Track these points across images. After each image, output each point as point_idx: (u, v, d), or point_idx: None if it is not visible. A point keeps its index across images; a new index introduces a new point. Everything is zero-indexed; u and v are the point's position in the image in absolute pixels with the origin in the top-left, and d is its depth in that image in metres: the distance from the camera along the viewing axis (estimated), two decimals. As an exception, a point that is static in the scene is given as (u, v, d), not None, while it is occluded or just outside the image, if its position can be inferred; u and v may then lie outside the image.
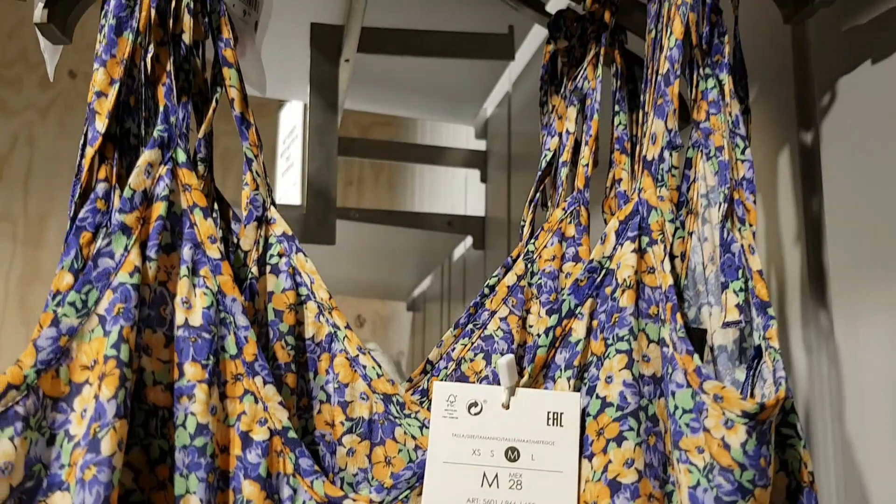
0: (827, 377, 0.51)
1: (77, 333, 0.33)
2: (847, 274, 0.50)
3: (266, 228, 0.42)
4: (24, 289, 2.26)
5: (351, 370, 0.41)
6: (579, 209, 0.51)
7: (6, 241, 2.26)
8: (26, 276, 2.26)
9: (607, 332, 0.38)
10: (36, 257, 2.27)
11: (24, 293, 2.26)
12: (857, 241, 0.49)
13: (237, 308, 0.37)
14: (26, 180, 2.29)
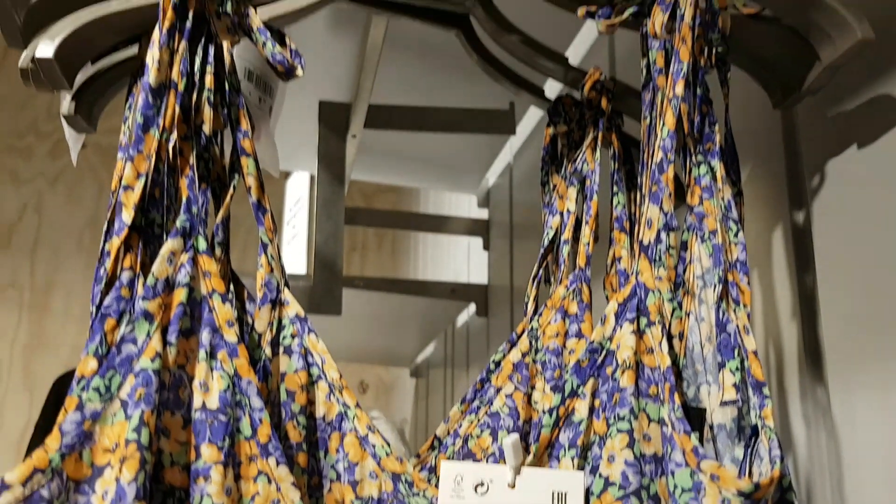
0: (826, 450, 0.52)
1: (100, 417, 0.34)
2: (841, 349, 0.51)
3: (280, 310, 0.44)
4: (29, 355, 2.27)
5: (361, 449, 0.42)
6: (581, 287, 0.52)
7: (12, 308, 2.28)
8: (31, 343, 2.27)
9: (609, 411, 0.39)
10: (41, 324, 2.29)
11: (29, 360, 2.26)
12: (849, 317, 0.51)
13: (252, 390, 0.39)
14: (34, 248, 2.32)
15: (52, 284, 2.30)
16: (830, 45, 0.47)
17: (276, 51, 0.46)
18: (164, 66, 0.41)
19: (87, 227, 2.37)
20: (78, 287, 2.31)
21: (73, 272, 2.32)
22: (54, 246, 2.32)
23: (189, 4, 0.43)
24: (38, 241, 2.32)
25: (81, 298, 2.31)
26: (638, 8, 0.49)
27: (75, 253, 2.33)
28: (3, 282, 2.29)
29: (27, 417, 2.23)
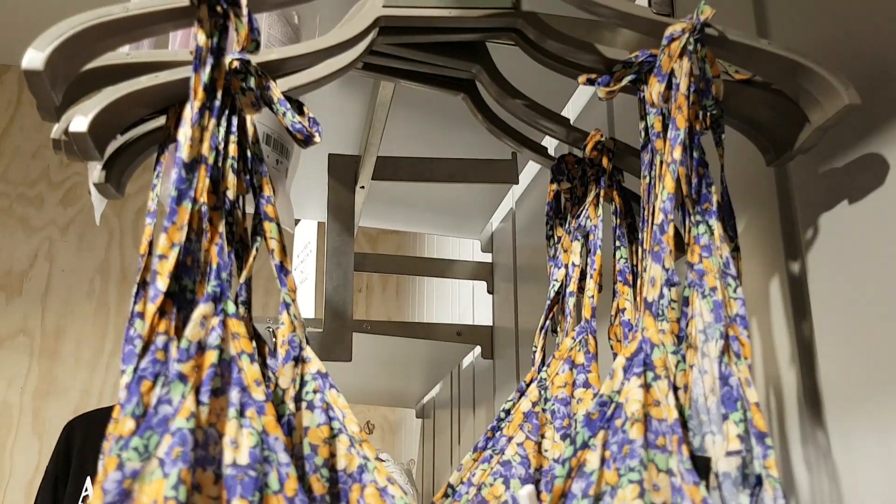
0: (828, 493, 0.54)
1: (139, 476, 0.37)
2: (840, 394, 0.53)
3: (302, 367, 0.46)
4: (39, 402, 2.28)
5: (381, 500, 0.44)
6: (587, 338, 0.55)
7: (23, 354, 2.30)
8: (41, 390, 2.28)
9: (619, 462, 0.41)
10: (51, 371, 2.30)
11: (38, 406, 2.27)
12: (846, 363, 0.53)
13: (279, 446, 0.41)
14: (45, 295, 2.34)
15: (63, 331, 2.32)
16: (819, 109, 0.50)
17: (295, 120, 0.49)
18: (195, 142, 0.44)
19: (97, 273, 2.40)
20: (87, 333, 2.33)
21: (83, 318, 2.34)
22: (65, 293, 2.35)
23: (217, 84, 0.46)
24: (49, 288, 2.35)
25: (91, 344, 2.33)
26: (636, 75, 0.52)
27: (85, 299, 2.36)
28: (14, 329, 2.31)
29: (37, 462, 2.24)
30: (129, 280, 2.41)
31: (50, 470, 1.84)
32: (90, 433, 1.82)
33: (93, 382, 2.29)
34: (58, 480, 1.85)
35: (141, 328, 0.43)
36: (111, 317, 2.35)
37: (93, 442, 1.81)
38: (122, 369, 0.42)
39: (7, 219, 2.38)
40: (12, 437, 2.27)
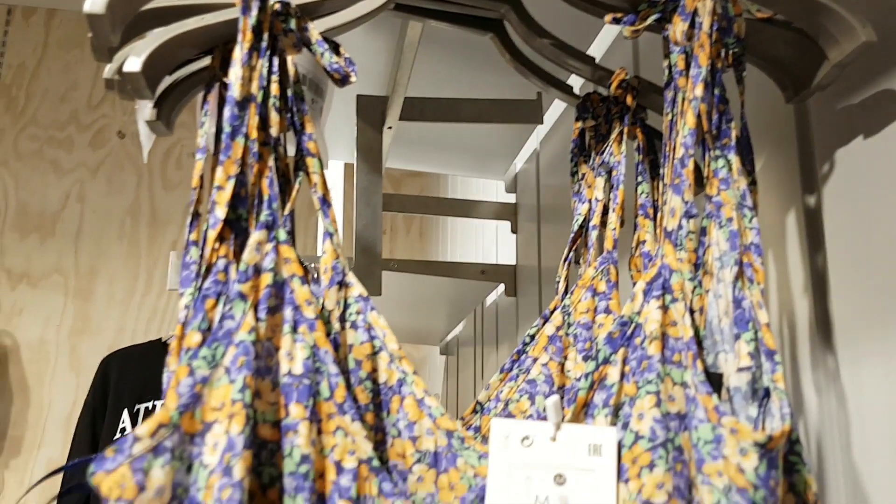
0: (836, 415, 0.57)
1: (208, 382, 0.41)
2: (850, 322, 0.56)
3: (345, 291, 0.50)
4: (74, 339, 2.36)
5: (418, 410, 0.48)
6: (609, 268, 0.58)
7: (58, 294, 2.37)
8: (76, 328, 2.36)
9: (638, 376, 0.45)
10: (85, 310, 2.38)
11: (74, 343, 2.36)
12: (857, 293, 0.56)
13: (329, 358, 0.45)
14: (77, 236, 2.41)
15: (95, 271, 2.39)
16: (837, 46, 0.52)
17: (333, 61, 0.52)
18: (245, 81, 0.47)
19: (128, 215, 2.45)
20: (119, 273, 2.40)
21: (115, 259, 2.41)
22: (97, 234, 2.41)
23: (263, 26, 0.49)
24: (81, 229, 2.41)
25: (123, 284, 2.40)
26: (660, 14, 0.54)
27: (117, 240, 2.42)
28: (49, 269, 2.39)
29: (74, 397, 2.33)
30: (158, 222, 2.46)
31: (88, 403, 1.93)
32: (125, 368, 1.90)
33: (126, 321, 2.37)
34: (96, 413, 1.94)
35: (196, 254, 0.46)
36: (142, 258, 2.42)
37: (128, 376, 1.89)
38: (181, 292, 0.47)
39: (38, 161, 2.43)
40: (50, 373, 2.36)
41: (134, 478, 0.37)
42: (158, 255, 2.42)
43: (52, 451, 2.29)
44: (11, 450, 2.31)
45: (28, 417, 2.32)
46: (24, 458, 2.29)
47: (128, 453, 0.37)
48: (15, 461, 2.29)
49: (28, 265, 2.39)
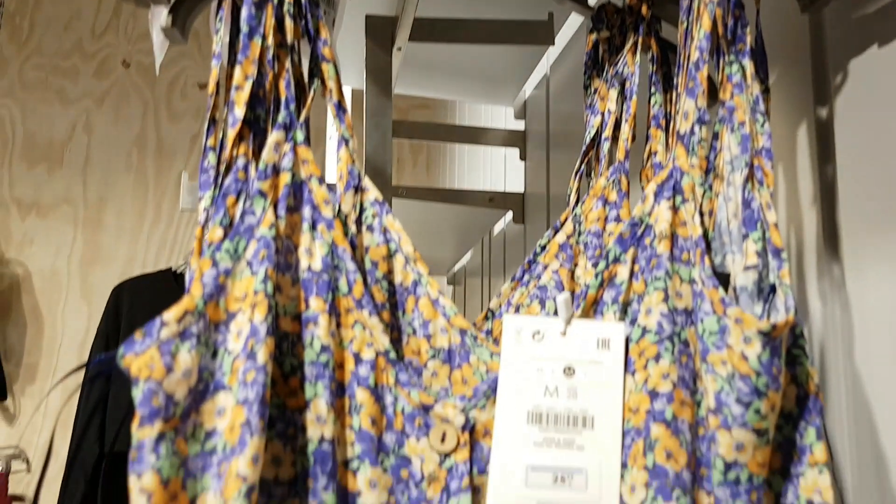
0: (840, 322, 0.59)
1: (231, 274, 0.42)
2: (857, 232, 0.57)
3: (361, 195, 0.51)
4: (86, 269, 2.39)
5: (433, 309, 0.50)
6: (620, 178, 0.59)
7: (68, 223, 2.39)
8: (87, 258, 2.39)
9: (647, 274, 0.46)
10: (95, 239, 2.40)
11: (86, 273, 2.39)
12: (865, 203, 0.56)
13: (347, 256, 0.46)
14: (85, 166, 2.41)
15: (104, 201, 2.41)
16: (855, -49, 0.51)
17: None
18: (262, -20, 0.47)
19: (134, 146, 2.45)
20: (128, 203, 2.41)
21: (122, 189, 2.42)
22: (104, 164, 2.41)
23: (279, -72, 0.49)
24: (89, 159, 2.41)
25: (132, 214, 2.41)
26: (678, -82, 0.54)
27: (124, 171, 2.42)
28: (58, 199, 2.40)
29: (86, 325, 2.37)
30: (165, 152, 2.46)
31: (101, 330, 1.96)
32: (137, 296, 1.93)
33: (136, 251, 2.39)
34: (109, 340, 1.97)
35: (213, 160, 0.47)
36: (150, 189, 2.43)
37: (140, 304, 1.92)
38: (200, 196, 0.48)
39: (44, 91, 2.42)
40: (62, 302, 2.40)
41: (162, 360, 0.38)
42: (166, 185, 2.43)
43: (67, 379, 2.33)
44: (27, 376, 2.36)
45: (42, 345, 2.36)
46: (40, 385, 2.34)
47: (156, 337, 0.39)
48: (31, 388, 2.35)
49: (37, 195, 2.40)
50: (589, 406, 0.45)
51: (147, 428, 0.38)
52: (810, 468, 0.42)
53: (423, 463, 0.44)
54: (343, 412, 0.44)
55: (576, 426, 0.45)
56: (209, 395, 0.40)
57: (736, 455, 0.41)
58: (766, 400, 0.40)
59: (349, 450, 0.44)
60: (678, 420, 0.42)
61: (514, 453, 0.44)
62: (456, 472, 0.44)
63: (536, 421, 0.45)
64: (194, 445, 0.39)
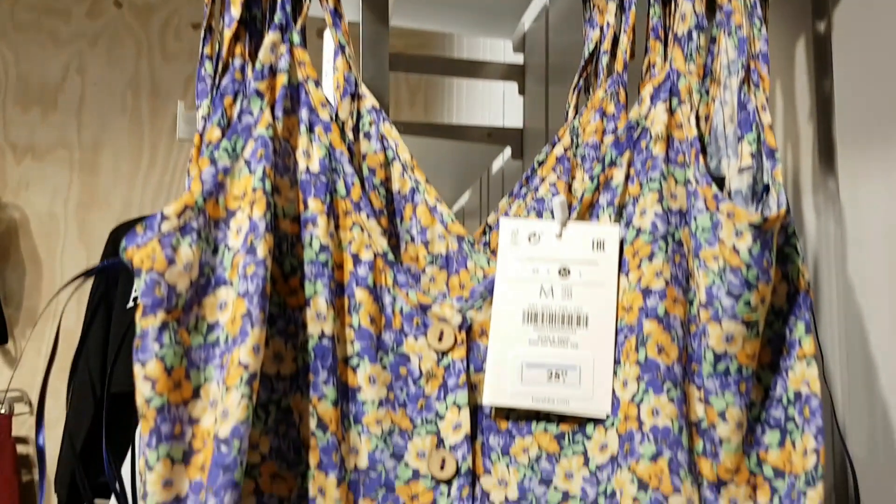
0: (833, 234, 0.59)
1: (230, 172, 0.42)
2: (852, 145, 0.57)
3: (358, 102, 0.51)
4: (83, 213, 2.39)
5: (430, 216, 0.50)
6: (619, 90, 0.59)
7: (63, 167, 2.38)
8: (84, 202, 2.39)
9: (642, 176, 0.47)
10: (92, 184, 2.39)
11: (83, 217, 2.39)
12: (861, 117, 0.57)
13: (344, 159, 0.46)
14: (79, 109, 2.39)
15: (100, 145, 2.39)
16: None
17: None
18: None
19: (128, 88, 2.43)
20: (124, 147, 2.40)
21: (118, 132, 2.40)
22: (99, 107, 2.39)
23: None
24: (83, 102, 2.39)
25: (128, 158, 2.40)
26: None
27: (119, 114, 2.41)
28: (53, 142, 2.38)
29: (85, 267, 2.38)
30: (160, 95, 2.44)
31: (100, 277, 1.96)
32: (137, 237, 1.92)
33: (132, 195, 2.39)
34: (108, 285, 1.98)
35: (210, 68, 0.47)
36: (145, 132, 2.41)
37: (140, 246, 1.92)
38: (198, 105, 0.48)
39: (36, 33, 2.39)
40: (60, 246, 2.40)
41: (163, 252, 0.39)
42: (162, 128, 2.41)
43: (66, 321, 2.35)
44: (27, 320, 2.38)
45: (41, 288, 2.37)
46: (40, 328, 2.36)
47: (157, 230, 0.39)
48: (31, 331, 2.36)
49: (32, 139, 2.39)
50: (583, 305, 0.45)
51: (150, 317, 0.38)
52: (799, 361, 0.43)
53: (422, 361, 0.45)
54: (343, 311, 0.45)
55: (570, 325, 0.45)
56: (211, 290, 0.41)
57: (725, 347, 0.42)
58: (755, 292, 0.41)
59: (349, 347, 0.45)
60: (670, 316, 0.43)
61: (509, 351, 0.45)
62: (453, 370, 0.45)
63: (532, 320, 0.46)
64: (197, 337, 0.40)
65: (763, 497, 0.42)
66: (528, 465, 0.44)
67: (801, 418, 0.42)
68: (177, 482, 0.39)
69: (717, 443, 0.42)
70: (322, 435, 0.42)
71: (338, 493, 0.41)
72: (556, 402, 0.44)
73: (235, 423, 0.37)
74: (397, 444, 0.44)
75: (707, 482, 0.42)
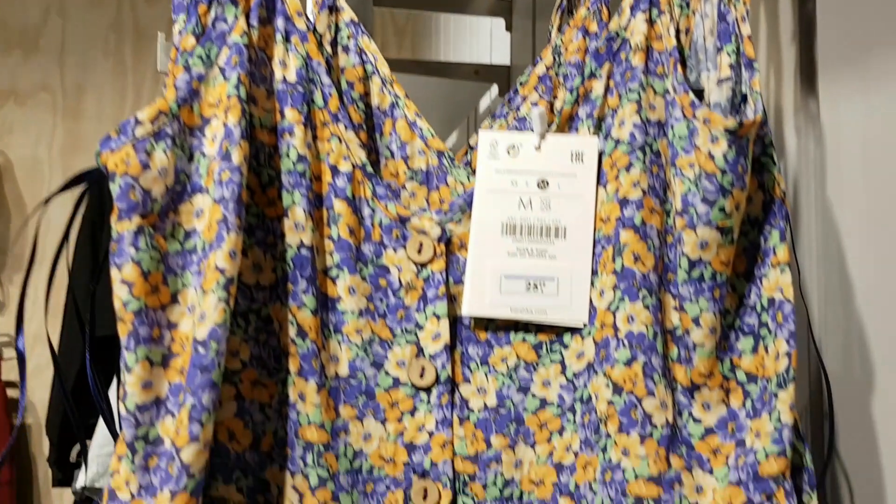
0: (813, 155, 0.60)
1: (204, 79, 0.42)
2: (833, 65, 0.57)
3: (336, 15, 0.50)
4: (67, 158, 2.36)
5: (410, 131, 0.50)
6: (601, 8, 0.58)
7: (46, 112, 2.35)
8: (68, 146, 2.36)
9: (621, 87, 0.47)
10: (76, 128, 2.36)
11: (67, 162, 2.36)
12: (843, 38, 0.56)
13: (322, 70, 0.46)
14: (61, 52, 2.35)
15: (83, 88, 2.36)
16: None
17: None
18: None
19: (111, 31, 2.38)
20: (107, 91, 2.36)
21: (101, 76, 2.36)
22: (81, 50, 2.35)
23: None
24: (65, 44, 2.35)
25: (112, 102, 2.37)
26: None
27: (102, 57, 2.36)
28: (35, 86, 2.35)
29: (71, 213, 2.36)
30: (143, 36, 2.39)
31: (86, 218, 1.95)
32: (122, 181, 1.91)
33: (118, 139, 2.36)
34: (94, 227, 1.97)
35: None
36: (129, 75, 2.37)
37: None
38: (174, 18, 0.47)
39: (13, -27, 2.33)
40: (45, 191, 2.38)
41: (137, 156, 0.39)
42: (145, 71, 2.38)
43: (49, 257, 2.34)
44: (14, 266, 2.37)
45: (28, 234, 2.36)
46: (29, 273, 2.35)
47: (130, 134, 0.39)
48: (18, 276, 2.36)
49: (14, 83, 2.35)
50: (561, 217, 0.46)
51: (125, 221, 0.38)
52: (773, 268, 0.43)
53: (401, 272, 0.46)
54: (322, 223, 0.45)
55: (548, 237, 0.46)
56: (187, 197, 0.41)
57: (700, 253, 0.42)
58: (730, 198, 0.41)
59: (328, 258, 0.45)
60: (647, 226, 0.44)
61: (488, 263, 0.46)
62: (433, 281, 0.45)
63: (510, 232, 0.46)
64: (174, 243, 0.40)
65: (735, 400, 0.43)
66: (506, 374, 0.45)
67: (773, 324, 0.42)
68: (156, 384, 0.39)
69: (691, 348, 0.42)
70: (301, 342, 0.42)
71: (318, 398, 0.42)
72: (534, 312, 0.45)
73: (213, 325, 0.38)
74: (377, 353, 0.44)
75: (681, 387, 0.43)
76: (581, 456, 0.43)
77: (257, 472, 0.41)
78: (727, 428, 0.42)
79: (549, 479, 0.43)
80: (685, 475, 0.41)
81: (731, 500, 0.40)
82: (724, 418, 0.42)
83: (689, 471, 0.41)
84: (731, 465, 0.41)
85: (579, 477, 0.42)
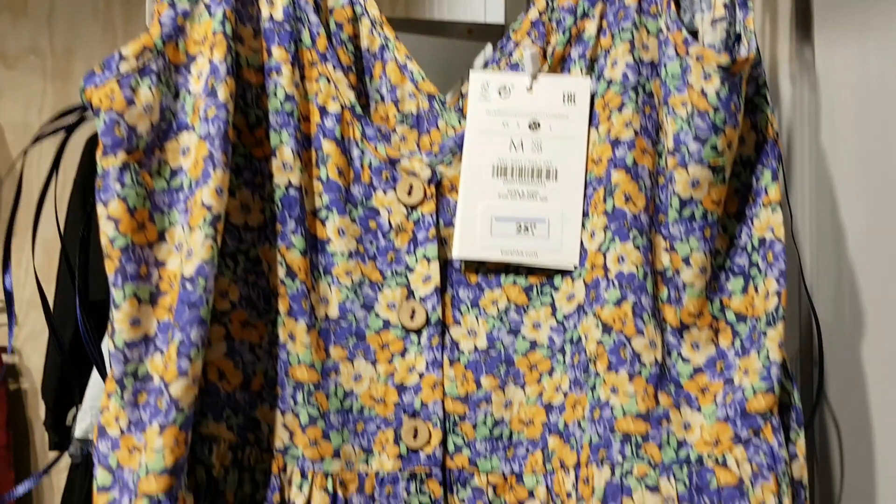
0: (808, 102, 0.59)
1: (189, 16, 0.41)
2: (828, 13, 0.57)
3: (324, -45, 0.49)
4: (58, 121, 2.34)
5: (401, 74, 0.49)
6: (595, -48, 0.57)
7: (36, 75, 2.32)
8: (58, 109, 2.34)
9: (614, 27, 0.46)
10: (66, 91, 2.34)
11: (58, 126, 2.34)
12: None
13: (309, 9, 0.45)
14: (50, 15, 2.32)
15: (72, 51, 2.33)
16: None
17: None
18: None
19: (99, -8, 2.35)
20: (97, 54, 2.33)
21: (90, 38, 2.33)
22: (70, 12, 2.32)
23: None
24: (54, 6, 2.32)
25: (102, 65, 2.34)
26: None
27: (91, 20, 2.33)
28: (24, 49, 2.32)
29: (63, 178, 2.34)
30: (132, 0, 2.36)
31: (78, 182, 1.94)
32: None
33: (109, 102, 2.34)
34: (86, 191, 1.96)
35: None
36: (118, 38, 2.34)
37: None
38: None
39: (-1, -68, 2.29)
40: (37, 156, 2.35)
41: (122, 92, 0.38)
42: (135, 33, 2.34)
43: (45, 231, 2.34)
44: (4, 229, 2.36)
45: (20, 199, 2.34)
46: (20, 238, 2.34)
47: (115, 70, 0.38)
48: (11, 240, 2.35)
49: (2, 46, 2.32)
50: (553, 159, 0.45)
51: (111, 157, 0.38)
52: (764, 208, 0.43)
53: (391, 214, 0.45)
54: (310, 164, 0.44)
55: (539, 178, 0.45)
56: (173, 134, 0.40)
57: (691, 192, 0.42)
58: (722, 136, 0.41)
59: (317, 200, 0.44)
60: (638, 166, 0.43)
61: (479, 205, 0.45)
62: (423, 224, 0.45)
63: (501, 174, 0.46)
64: (160, 181, 0.40)
65: (724, 340, 0.43)
66: (496, 317, 0.45)
67: (764, 263, 0.42)
68: (144, 321, 0.39)
69: (681, 288, 0.42)
70: (291, 283, 0.42)
71: (308, 338, 0.42)
72: (524, 254, 0.45)
73: (200, 262, 0.38)
74: (367, 295, 0.44)
75: (671, 328, 0.43)
76: (570, 395, 0.43)
77: (248, 410, 0.41)
78: (716, 367, 0.42)
79: (539, 419, 0.43)
80: (673, 412, 0.41)
81: (719, 436, 0.40)
82: (713, 358, 0.42)
83: (678, 408, 0.41)
84: (718, 402, 0.41)
85: (568, 416, 0.42)
